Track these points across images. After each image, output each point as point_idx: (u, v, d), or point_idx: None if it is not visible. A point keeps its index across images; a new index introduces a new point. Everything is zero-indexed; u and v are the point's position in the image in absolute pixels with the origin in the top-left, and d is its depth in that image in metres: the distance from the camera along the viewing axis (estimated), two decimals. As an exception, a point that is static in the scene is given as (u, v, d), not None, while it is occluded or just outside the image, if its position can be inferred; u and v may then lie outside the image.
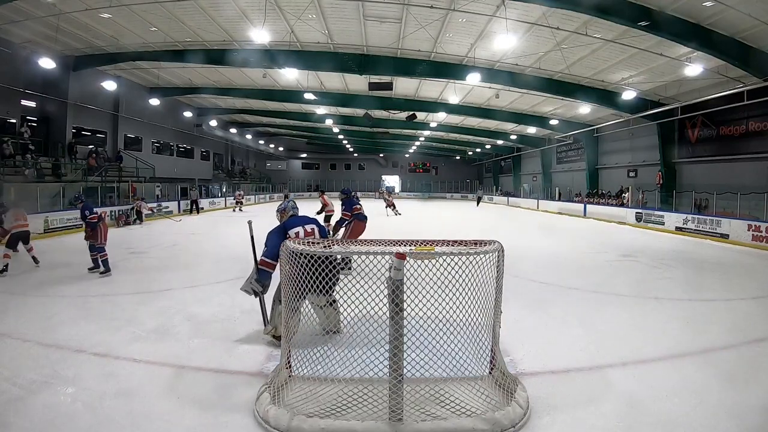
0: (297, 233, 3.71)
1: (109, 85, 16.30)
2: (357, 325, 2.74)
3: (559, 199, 24.97)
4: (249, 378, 3.16)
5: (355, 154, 45.17)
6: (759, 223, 10.93)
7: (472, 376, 2.88)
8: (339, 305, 3.36)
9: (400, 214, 19.26)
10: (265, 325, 3.95)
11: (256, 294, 3.81)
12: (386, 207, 19.68)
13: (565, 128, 22.27)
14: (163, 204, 18.48)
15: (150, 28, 12.89)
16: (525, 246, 10.26)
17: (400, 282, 2.48)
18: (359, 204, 7.83)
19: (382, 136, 32.87)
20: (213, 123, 27.41)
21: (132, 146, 21.69)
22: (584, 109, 18.60)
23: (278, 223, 3.92)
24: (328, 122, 27.37)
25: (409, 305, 2.59)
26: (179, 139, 26.31)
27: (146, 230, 13.29)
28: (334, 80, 18.43)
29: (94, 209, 7.10)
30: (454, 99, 19.31)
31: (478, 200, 32.89)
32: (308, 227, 3.83)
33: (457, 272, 2.66)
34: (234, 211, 22.50)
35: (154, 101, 19.69)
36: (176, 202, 19.66)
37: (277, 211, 4.02)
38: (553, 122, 21.41)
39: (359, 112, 22.98)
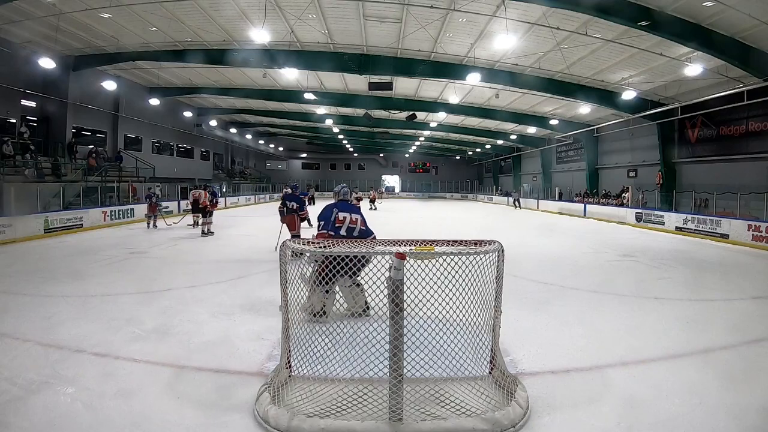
0: (345, 218, 4.32)
1: (109, 85, 16.30)
2: (357, 324, 2.75)
3: (560, 199, 24.98)
4: (249, 378, 3.16)
5: (355, 154, 45.17)
6: (759, 223, 10.91)
7: (472, 376, 2.87)
8: (363, 288, 3.61)
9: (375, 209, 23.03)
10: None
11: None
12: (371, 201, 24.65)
13: (565, 128, 22.26)
14: (163, 204, 18.39)
15: (150, 28, 12.88)
16: (525, 246, 10.25)
17: (400, 282, 2.48)
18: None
19: (382, 136, 32.84)
20: (213, 123, 27.42)
21: (132, 146, 21.70)
22: (584, 109, 18.58)
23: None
24: (328, 122, 27.38)
25: (409, 305, 2.59)
26: (179, 139, 26.31)
27: (146, 230, 13.25)
28: (334, 80, 18.42)
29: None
30: (454, 99, 19.30)
31: (517, 202, 28.17)
32: (354, 216, 4.32)
33: (457, 272, 2.65)
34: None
35: (154, 101, 19.70)
36: (176, 202, 19.62)
37: (333, 191, 4.73)
38: (553, 122, 21.40)
39: (359, 112, 22.97)
